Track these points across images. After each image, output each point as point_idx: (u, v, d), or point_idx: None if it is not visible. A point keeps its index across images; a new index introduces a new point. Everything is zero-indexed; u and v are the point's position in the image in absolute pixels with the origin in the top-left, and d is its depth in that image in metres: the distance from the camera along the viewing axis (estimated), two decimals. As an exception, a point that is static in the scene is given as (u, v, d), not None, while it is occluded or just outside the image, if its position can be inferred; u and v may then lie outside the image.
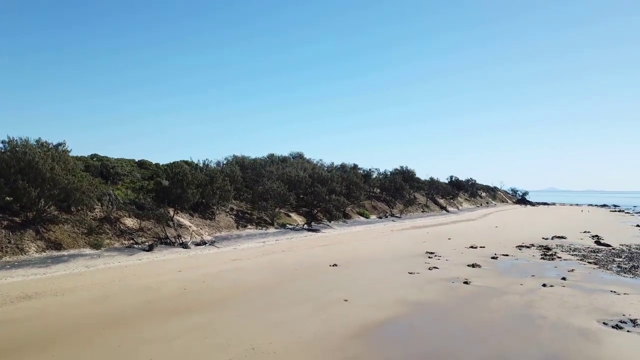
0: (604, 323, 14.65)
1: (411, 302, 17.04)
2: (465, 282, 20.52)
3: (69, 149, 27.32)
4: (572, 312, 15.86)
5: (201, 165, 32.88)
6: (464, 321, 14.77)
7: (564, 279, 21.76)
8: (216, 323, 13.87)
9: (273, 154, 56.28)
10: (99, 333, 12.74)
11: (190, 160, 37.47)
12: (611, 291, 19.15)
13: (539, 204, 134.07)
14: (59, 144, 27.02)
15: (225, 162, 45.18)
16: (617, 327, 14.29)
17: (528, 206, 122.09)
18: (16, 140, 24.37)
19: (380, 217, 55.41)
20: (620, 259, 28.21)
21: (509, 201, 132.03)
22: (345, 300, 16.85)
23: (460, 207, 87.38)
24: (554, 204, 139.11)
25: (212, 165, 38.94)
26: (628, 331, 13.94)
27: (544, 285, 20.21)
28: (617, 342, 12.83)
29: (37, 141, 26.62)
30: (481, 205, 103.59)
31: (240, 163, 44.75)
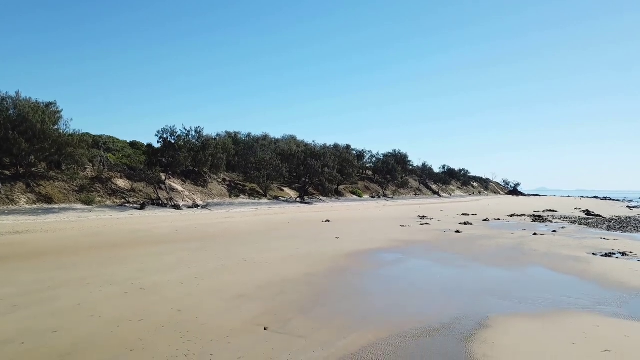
0: (593, 254, 14.76)
1: (403, 240, 17.10)
2: (457, 232, 20.63)
3: (59, 109, 26.99)
4: (562, 248, 15.97)
5: (193, 132, 32.62)
6: (456, 250, 14.87)
7: (554, 231, 21.94)
8: (207, 248, 13.86)
9: (267, 135, 56.02)
10: (90, 252, 12.68)
11: (182, 125, 37.02)
12: (601, 238, 19.35)
13: (531, 195, 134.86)
14: (50, 103, 26.72)
15: (216, 136, 44.92)
16: (606, 255, 14.41)
17: (520, 197, 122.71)
18: (5, 94, 24.09)
19: (372, 197, 55.47)
20: (610, 223, 28.47)
21: (500, 192, 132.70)
22: (337, 238, 16.89)
23: (452, 194, 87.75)
24: (545, 196, 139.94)
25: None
26: (616, 257, 14.08)
27: (535, 234, 20.36)
28: (604, 263, 12.93)
29: (26, 100, 26.34)
30: (473, 194, 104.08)
31: (233, 138, 44.57)
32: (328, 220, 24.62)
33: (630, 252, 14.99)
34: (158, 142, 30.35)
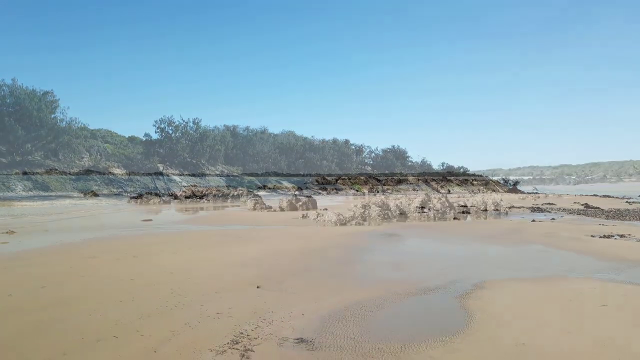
0: (591, 236, 14.66)
1: (397, 224, 17.01)
2: (455, 218, 20.55)
3: (56, 98, 26.83)
4: (561, 231, 15.80)
5: (191, 123, 32.49)
6: (453, 231, 14.78)
7: (553, 219, 21.84)
8: (202, 228, 13.77)
9: (266, 128, 55.73)
10: (86, 230, 12.59)
11: (180, 116, 36.92)
12: (600, 224, 19.21)
13: (530, 193, 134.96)
14: (47, 92, 26.56)
15: (214, 129, 44.81)
16: (604, 237, 14.32)
17: (520, 194, 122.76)
18: (1, 81, 23.94)
19: (371, 191, 55.40)
20: (609, 214, 28.31)
21: (500, 190, 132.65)
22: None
23: (451, 191, 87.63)
24: (545, 194, 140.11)
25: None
26: (615, 239, 13.98)
27: (534, 220, 20.25)
28: (602, 242, 12.87)
29: (23, 88, 26.21)
30: (472, 191, 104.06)
31: (231, 131, 44.43)
32: (326, 209, 24.49)
33: (629, 235, 14.90)
34: (156, 132, 30.28)
